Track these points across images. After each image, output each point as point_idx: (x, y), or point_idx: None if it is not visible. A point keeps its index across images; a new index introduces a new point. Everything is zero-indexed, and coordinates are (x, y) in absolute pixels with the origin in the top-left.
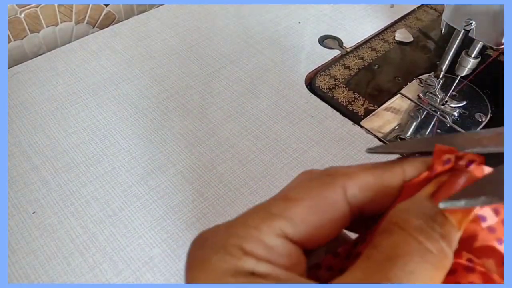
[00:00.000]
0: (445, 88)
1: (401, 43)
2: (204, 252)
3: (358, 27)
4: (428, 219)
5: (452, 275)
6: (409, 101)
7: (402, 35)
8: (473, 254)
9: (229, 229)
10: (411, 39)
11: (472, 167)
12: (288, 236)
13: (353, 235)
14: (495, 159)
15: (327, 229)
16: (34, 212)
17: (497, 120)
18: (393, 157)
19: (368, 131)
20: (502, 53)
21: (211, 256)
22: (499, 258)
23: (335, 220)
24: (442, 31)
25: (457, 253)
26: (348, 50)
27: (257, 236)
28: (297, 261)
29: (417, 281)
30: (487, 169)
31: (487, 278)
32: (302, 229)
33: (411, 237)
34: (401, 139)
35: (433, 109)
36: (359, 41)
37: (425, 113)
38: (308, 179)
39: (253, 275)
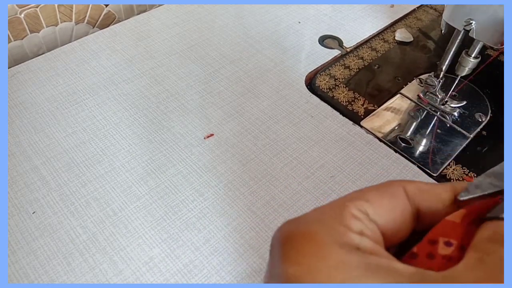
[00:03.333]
0: (445, 88)
1: (401, 43)
2: (304, 227)
3: (358, 27)
4: None
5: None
6: (409, 101)
7: (402, 35)
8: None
9: (321, 210)
10: (411, 39)
11: None
12: (368, 214)
13: None
14: None
15: (398, 219)
16: (34, 212)
17: (497, 120)
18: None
19: (368, 131)
20: (502, 53)
21: (315, 230)
22: None
23: (404, 213)
24: (442, 31)
25: None
26: (348, 50)
27: (348, 211)
28: (381, 241)
29: None
30: None
31: None
32: (378, 210)
33: None
34: (401, 139)
35: (433, 109)
36: (359, 41)
37: (425, 113)
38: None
39: (359, 250)
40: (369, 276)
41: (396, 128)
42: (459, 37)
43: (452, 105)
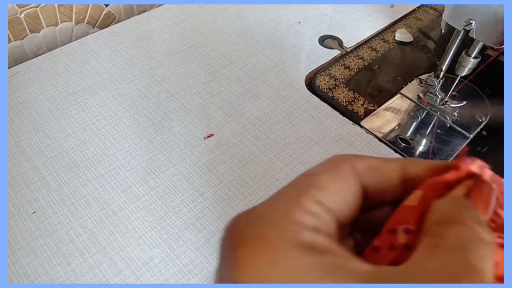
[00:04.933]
0: (445, 88)
1: (401, 43)
2: (256, 229)
3: (358, 27)
4: (475, 213)
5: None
6: (409, 101)
7: (402, 35)
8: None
9: (272, 205)
10: (411, 39)
11: (492, 179)
12: (323, 204)
13: None
14: None
15: (351, 202)
16: (34, 212)
17: (497, 120)
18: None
19: (368, 131)
20: (502, 53)
21: (267, 231)
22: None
23: (355, 196)
24: (442, 31)
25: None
26: (348, 50)
27: (302, 205)
28: (336, 232)
29: (486, 266)
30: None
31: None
32: (333, 197)
33: (472, 228)
34: (401, 139)
35: (433, 109)
36: (359, 41)
37: (425, 113)
38: (320, 163)
39: (314, 249)
40: (324, 279)
41: (396, 128)
42: (459, 37)
43: (452, 105)
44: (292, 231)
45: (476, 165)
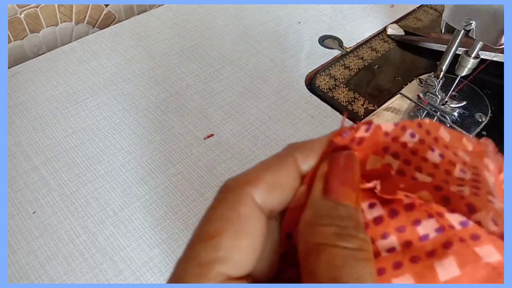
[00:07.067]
0: (445, 88)
1: (401, 43)
2: None
3: (358, 27)
4: (335, 220)
5: (395, 217)
6: (409, 101)
7: (394, 30)
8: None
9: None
10: (403, 33)
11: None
12: (231, 277)
13: None
14: None
15: (259, 250)
16: (34, 212)
17: (497, 120)
18: None
19: None
20: (502, 53)
21: None
22: (431, 188)
23: (263, 235)
24: (442, 31)
25: (393, 192)
26: (348, 50)
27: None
28: None
29: (366, 281)
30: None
31: (427, 208)
32: (241, 263)
33: (335, 248)
34: None
35: (433, 109)
36: (359, 41)
37: (425, 113)
38: (217, 200)
39: None
40: None
41: None
42: (459, 37)
43: (452, 105)
44: None
45: (361, 130)
